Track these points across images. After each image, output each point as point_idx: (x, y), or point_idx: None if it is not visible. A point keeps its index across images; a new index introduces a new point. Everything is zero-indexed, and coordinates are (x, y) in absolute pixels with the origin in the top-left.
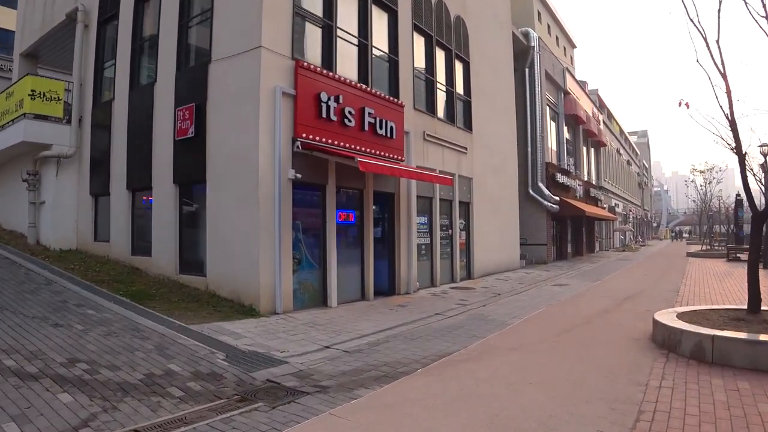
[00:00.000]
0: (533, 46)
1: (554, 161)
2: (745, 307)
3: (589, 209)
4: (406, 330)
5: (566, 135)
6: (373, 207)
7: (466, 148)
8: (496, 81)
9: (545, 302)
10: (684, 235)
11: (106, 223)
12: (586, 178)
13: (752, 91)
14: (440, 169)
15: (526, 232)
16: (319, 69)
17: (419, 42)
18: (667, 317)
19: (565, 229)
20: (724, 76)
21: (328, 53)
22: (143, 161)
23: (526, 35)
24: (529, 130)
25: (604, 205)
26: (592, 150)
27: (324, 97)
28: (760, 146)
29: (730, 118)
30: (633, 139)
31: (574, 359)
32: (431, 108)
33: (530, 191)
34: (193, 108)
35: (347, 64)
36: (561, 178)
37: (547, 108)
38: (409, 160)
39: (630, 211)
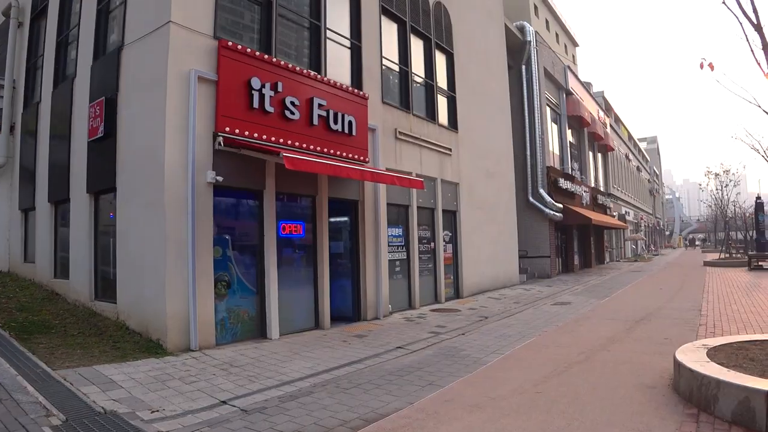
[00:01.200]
0: (529, 41)
1: (557, 166)
2: None
3: (597, 217)
4: (348, 373)
5: (570, 138)
6: (332, 217)
7: (450, 150)
8: (487, 77)
9: (539, 328)
10: (697, 243)
11: (34, 242)
12: (593, 185)
13: None
14: (418, 173)
15: (527, 244)
16: (250, 51)
17: (390, 28)
18: (695, 356)
19: (571, 239)
20: (758, 27)
21: (266, 35)
22: (62, 169)
23: (522, 29)
24: (527, 132)
25: (614, 213)
26: (599, 155)
27: (256, 84)
28: None
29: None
30: (642, 145)
31: (561, 426)
32: (405, 102)
33: (530, 198)
34: (103, 103)
35: (293, 49)
36: (564, 183)
37: (548, 109)
38: (375, 161)
39: (641, 219)
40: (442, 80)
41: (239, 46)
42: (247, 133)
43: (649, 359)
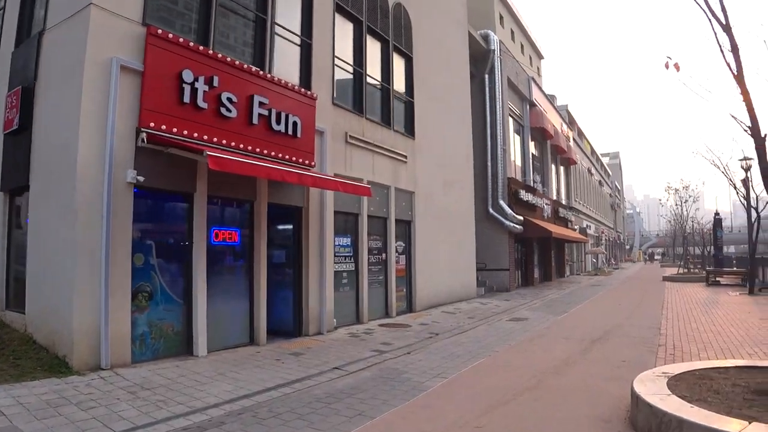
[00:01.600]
0: (493, 50)
1: (518, 177)
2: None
3: (558, 230)
4: (271, 399)
5: (532, 150)
6: (274, 225)
7: (406, 157)
8: (448, 84)
9: (491, 347)
10: (656, 257)
11: None
12: (554, 197)
13: None
14: (370, 180)
15: (486, 256)
16: (183, 40)
17: (345, 27)
18: (654, 387)
19: (531, 252)
20: (727, 28)
21: (204, 25)
22: None
23: (486, 38)
24: (489, 142)
25: (575, 227)
26: (562, 168)
27: (188, 76)
28: (741, 160)
29: (737, 75)
30: (605, 160)
31: None
32: (358, 106)
33: (490, 210)
34: (19, 92)
35: (235, 42)
36: (526, 195)
37: (511, 119)
38: (322, 165)
39: (602, 232)
40: (399, 84)
41: (170, 35)
42: (175, 129)
43: (605, 386)
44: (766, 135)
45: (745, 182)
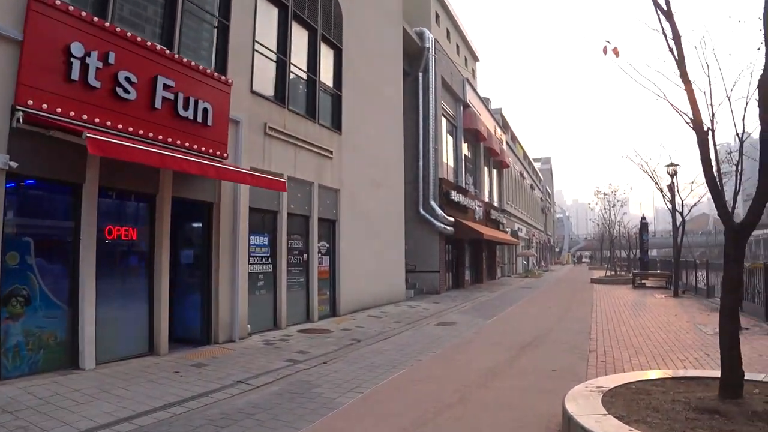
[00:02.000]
0: (428, 48)
1: (450, 178)
2: (709, 375)
3: (489, 232)
4: (157, 422)
5: (465, 152)
6: (180, 221)
7: (331, 153)
8: (380, 79)
9: (414, 356)
10: (584, 260)
11: None
12: (487, 200)
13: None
14: (291, 176)
15: (416, 258)
16: (74, 9)
17: (269, 11)
18: (588, 405)
19: (463, 254)
20: (669, 15)
21: None
22: None
23: (421, 35)
24: (421, 141)
25: (507, 229)
26: (495, 171)
27: (78, 50)
28: (668, 166)
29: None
30: (537, 165)
31: None
32: (280, 96)
33: (421, 211)
34: None
35: (139, 18)
36: (457, 196)
37: (444, 119)
38: (237, 158)
39: (533, 235)
40: (327, 77)
41: (58, 2)
42: (59, 110)
43: (535, 401)
44: (708, 128)
45: (671, 187)
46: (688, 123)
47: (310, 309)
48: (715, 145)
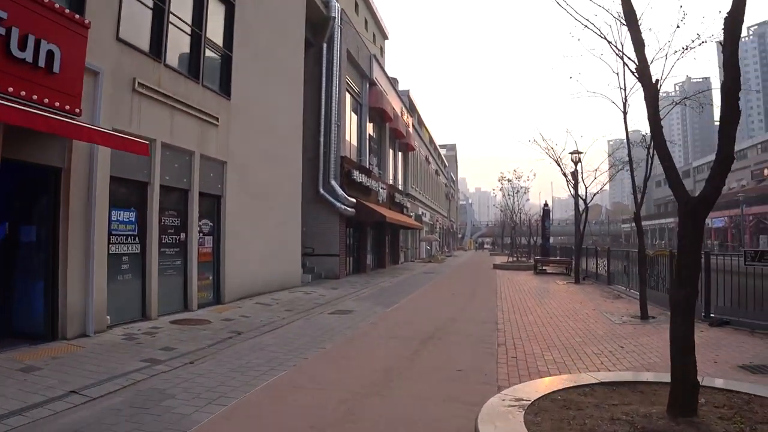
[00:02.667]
0: (334, 17)
1: (354, 158)
2: (640, 380)
3: (392, 215)
4: None
5: (370, 131)
6: (16, 190)
7: (218, 119)
8: (279, 45)
9: (300, 352)
10: (486, 246)
11: None
12: (391, 182)
13: None
14: (166, 142)
15: (315, 241)
16: None
17: None
18: (508, 427)
19: (365, 237)
20: None
21: None
22: None
23: (327, 3)
24: (322, 116)
25: (411, 213)
26: (400, 154)
27: None
28: (572, 153)
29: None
30: (442, 152)
31: None
32: (156, 48)
33: (321, 190)
34: None
35: None
36: (360, 177)
37: (348, 96)
38: (95, 115)
39: (437, 221)
40: (216, 34)
41: None
42: None
43: (439, 414)
44: (657, 80)
45: (575, 174)
46: (633, 73)
47: (188, 296)
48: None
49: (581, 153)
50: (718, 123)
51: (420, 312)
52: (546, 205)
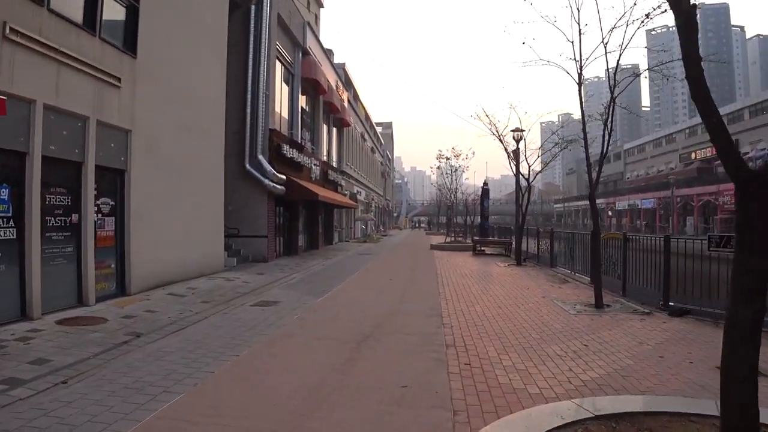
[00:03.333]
0: None
1: (285, 131)
2: (641, 411)
3: (326, 194)
4: None
5: (303, 104)
6: None
7: (119, 80)
8: (198, 0)
9: (206, 363)
10: (422, 225)
11: None
12: (325, 159)
13: None
14: (49, 103)
15: (241, 221)
16: None
17: None
18: None
19: (297, 217)
20: None
21: None
22: None
23: None
24: (249, 84)
25: (346, 191)
26: (335, 129)
27: None
28: (513, 131)
29: None
30: (378, 129)
31: None
32: None
33: (247, 166)
34: None
35: None
36: (291, 152)
37: (279, 65)
38: None
39: (372, 199)
40: None
41: None
42: None
43: None
44: (694, 4)
45: (516, 153)
46: None
47: (83, 289)
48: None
49: (523, 131)
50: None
51: (355, 303)
52: (485, 184)
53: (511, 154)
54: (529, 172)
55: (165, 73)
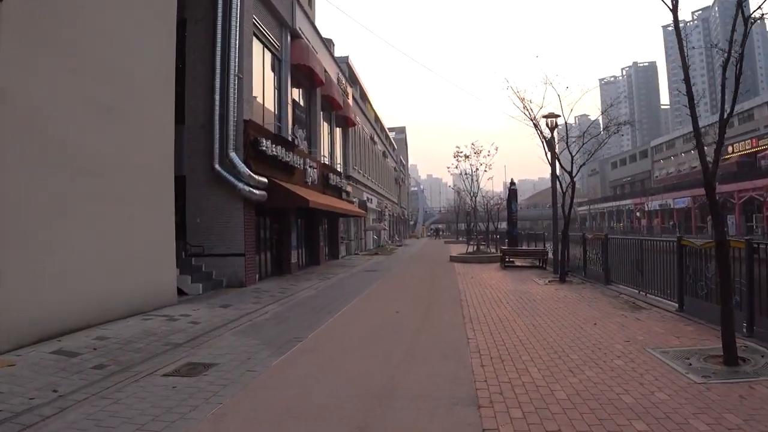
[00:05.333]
0: None
1: (272, 128)
2: None
3: (323, 200)
4: None
5: (295, 96)
6: None
7: None
8: None
9: None
10: (440, 234)
11: None
12: (326, 161)
13: None
14: None
15: (212, 236)
16: None
17: None
18: None
19: (288, 228)
20: None
21: None
22: None
23: None
24: (218, 65)
25: (354, 199)
26: (339, 129)
27: None
28: (546, 117)
29: None
30: (391, 135)
31: None
32: None
33: (216, 166)
34: None
35: None
36: (274, 149)
37: (261, 46)
38: None
39: (386, 207)
40: None
41: None
42: None
43: None
44: None
45: (551, 143)
46: None
47: None
48: None
49: (558, 116)
50: None
51: (336, 364)
52: (513, 184)
53: (545, 143)
54: (572, 164)
55: (63, 27)
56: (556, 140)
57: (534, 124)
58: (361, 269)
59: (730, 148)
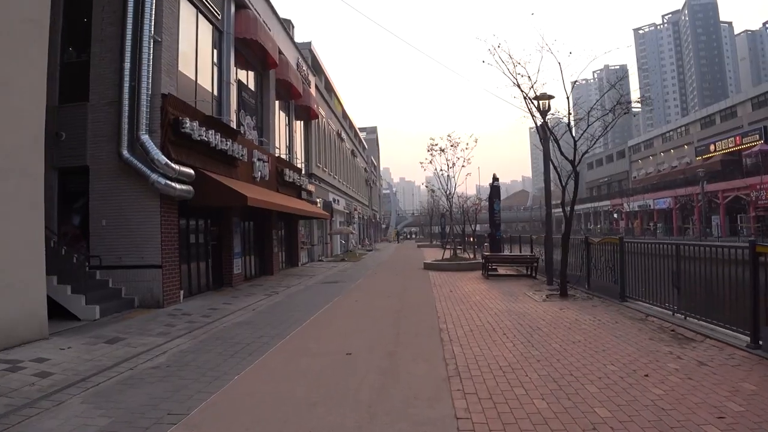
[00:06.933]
0: None
1: (213, 112)
2: None
3: (271, 198)
4: None
5: (241, 76)
6: None
7: None
8: None
9: None
10: (411, 236)
11: None
12: (283, 155)
13: None
14: None
15: (121, 242)
16: None
17: None
18: None
19: (229, 232)
20: None
21: None
22: None
23: None
24: (129, 25)
25: (317, 199)
26: (300, 123)
27: None
28: (536, 99)
29: None
30: (362, 135)
31: None
32: None
33: (124, 153)
34: None
35: None
36: (206, 134)
37: (194, 9)
38: None
39: (355, 209)
40: None
41: None
42: None
43: None
44: None
45: (544, 128)
46: None
47: None
48: None
49: (551, 97)
50: None
51: None
52: (495, 179)
53: (539, 127)
54: (575, 151)
55: None
56: (549, 124)
57: (524, 96)
58: (319, 280)
59: (712, 147)
